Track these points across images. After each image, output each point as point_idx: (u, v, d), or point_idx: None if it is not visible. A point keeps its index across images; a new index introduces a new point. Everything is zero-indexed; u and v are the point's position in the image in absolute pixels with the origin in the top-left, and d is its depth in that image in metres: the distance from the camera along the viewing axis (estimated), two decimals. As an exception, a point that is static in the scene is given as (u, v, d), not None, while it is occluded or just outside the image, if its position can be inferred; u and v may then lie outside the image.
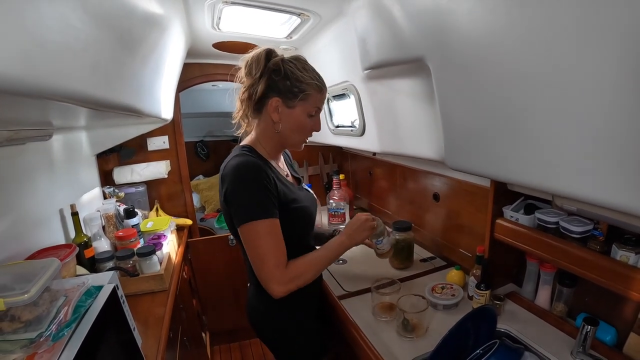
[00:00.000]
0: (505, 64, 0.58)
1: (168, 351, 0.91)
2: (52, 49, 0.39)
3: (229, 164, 0.78)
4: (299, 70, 0.79)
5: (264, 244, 0.74)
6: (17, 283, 0.61)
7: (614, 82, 0.44)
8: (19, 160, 0.96)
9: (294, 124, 0.82)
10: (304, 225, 0.90)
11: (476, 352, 0.78)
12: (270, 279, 0.74)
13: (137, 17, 0.66)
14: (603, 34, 0.43)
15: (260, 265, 0.74)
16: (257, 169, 0.75)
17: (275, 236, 0.75)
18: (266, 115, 0.82)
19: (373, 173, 1.80)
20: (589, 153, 0.52)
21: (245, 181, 0.74)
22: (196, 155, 3.21)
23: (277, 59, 0.79)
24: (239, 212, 0.75)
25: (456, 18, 0.63)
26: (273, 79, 0.78)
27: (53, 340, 0.58)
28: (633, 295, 0.65)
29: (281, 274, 0.74)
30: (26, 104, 0.51)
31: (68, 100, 0.48)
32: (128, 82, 0.71)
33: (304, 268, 0.79)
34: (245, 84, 0.81)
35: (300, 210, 0.85)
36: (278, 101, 0.79)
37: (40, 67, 0.37)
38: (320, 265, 0.82)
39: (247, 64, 0.80)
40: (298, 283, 0.77)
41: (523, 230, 0.87)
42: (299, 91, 0.79)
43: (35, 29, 0.35)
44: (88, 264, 1.08)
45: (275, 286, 0.74)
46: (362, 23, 0.93)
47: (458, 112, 0.75)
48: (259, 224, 0.73)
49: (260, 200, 0.74)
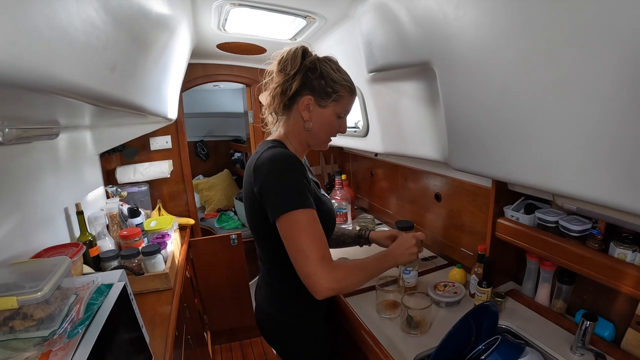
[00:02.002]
0: (508, 68, 0.61)
1: (174, 349, 0.91)
2: (76, 48, 0.40)
3: (262, 155, 0.74)
4: (334, 71, 0.79)
5: (307, 235, 0.67)
6: (27, 281, 0.61)
7: (613, 84, 0.47)
8: (25, 158, 0.96)
9: (323, 123, 0.81)
10: (328, 227, 0.87)
11: (479, 347, 0.80)
12: (317, 273, 0.66)
13: (150, 18, 0.67)
14: (602, 39, 0.45)
15: (304, 259, 0.66)
16: (295, 159, 0.73)
17: (318, 228, 0.70)
18: (296, 113, 0.81)
19: (374, 173, 1.82)
20: (589, 153, 0.54)
21: (285, 171, 0.71)
22: (196, 155, 3.22)
23: (313, 58, 0.78)
24: (277, 201, 0.69)
25: (462, 24, 0.65)
26: (309, 76, 0.77)
27: (68, 337, 0.58)
28: (630, 291, 0.67)
29: (329, 270, 0.66)
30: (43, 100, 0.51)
31: (86, 99, 0.48)
32: (140, 82, 0.72)
33: (352, 270, 0.71)
34: (278, 79, 0.80)
35: (326, 211, 0.83)
36: (310, 99, 0.78)
37: (64, 65, 0.38)
38: (368, 272, 0.75)
39: (282, 59, 0.78)
40: (344, 285, 0.69)
41: (523, 230, 0.89)
42: (332, 91, 0.78)
43: (63, 27, 0.36)
44: (93, 263, 1.08)
45: (322, 282, 0.65)
46: (367, 26, 0.95)
47: (462, 114, 0.77)
48: (301, 213, 0.68)
49: (301, 190, 0.70)
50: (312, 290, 0.67)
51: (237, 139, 3.17)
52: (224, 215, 2.60)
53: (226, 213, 2.65)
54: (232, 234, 1.84)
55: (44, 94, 0.41)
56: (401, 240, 0.85)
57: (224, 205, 2.83)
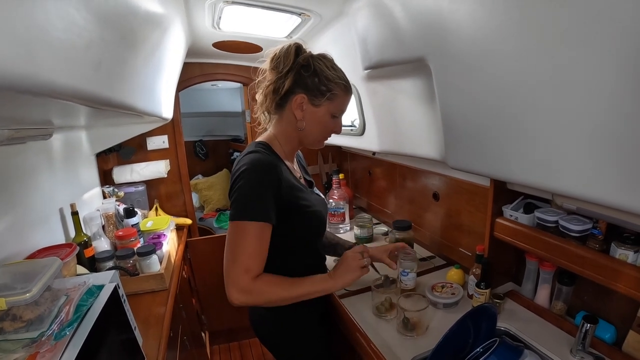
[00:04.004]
0: (505, 64, 0.59)
1: (168, 351, 0.90)
2: (57, 47, 0.39)
3: (242, 159, 0.75)
4: (328, 69, 0.77)
5: (246, 245, 0.69)
6: (18, 282, 0.60)
7: (613, 82, 0.45)
8: (19, 159, 0.96)
9: (316, 123, 0.79)
10: (315, 230, 0.88)
11: (476, 350, 0.78)
12: (233, 282, 0.69)
13: (139, 16, 0.66)
14: (602, 36, 0.44)
15: (231, 264, 0.70)
16: (269, 169, 0.73)
17: (261, 242, 0.71)
18: (289, 112, 0.79)
19: (372, 172, 1.80)
20: (588, 152, 0.52)
21: (253, 179, 0.71)
22: (195, 154, 3.21)
23: (307, 55, 0.77)
24: (236, 206, 0.72)
25: (457, 19, 0.63)
26: (302, 74, 0.75)
27: (55, 339, 0.57)
28: (632, 293, 0.65)
29: (245, 282, 0.69)
30: (29, 102, 0.51)
31: (71, 99, 0.47)
32: (130, 81, 0.71)
33: (273, 288, 0.73)
34: (270, 77, 0.79)
35: (312, 214, 0.82)
36: (303, 98, 0.76)
37: (44, 65, 0.37)
38: (296, 292, 0.75)
39: (274, 57, 0.77)
40: (257, 300, 0.72)
41: (523, 229, 0.87)
42: (326, 90, 0.76)
43: (40, 26, 0.35)
44: (88, 263, 1.07)
45: (233, 290, 0.69)
46: (362, 23, 0.93)
47: (459, 111, 0.75)
48: (250, 225, 0.70)
49: (260, 202, 0.71)
50: (227, 294, 0.70)
51: (236, 139, 3.16)
52: (222, 215, 2.59)
53: (225, 213, 2.64)
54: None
55: (24, 95, 0.40)
56: (343, 257, 0.81)
57: (223, 205, 2.82)
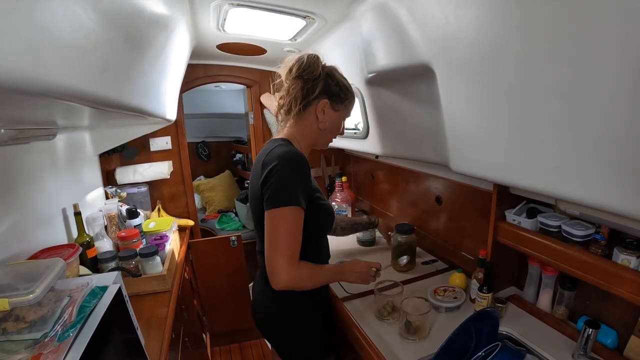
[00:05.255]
0: (510, 69, 0.59)
1: (170, 352, 0.90)
2: (63, 49, 0.39)
3: (272, 151, 0.81)
4: (344, 79, 0.91)
5: (286, 231, 0.75)
6: (21, 283, 0.61)
7: (616, 88, 0.45)
8: (23, 159, 0.96)
9: (332, 125, 0.91)
10: (327, 222, 0.95)
11: (478, 354, 0.78)
12: (281, 267, 0.75)
13: (145, 18, 0.66)
14: (606, 40, 0.44)
15: (275, 251, 0.75)
16: (302, 159, 0.80)
17: (298, 227, 0.77)
18: (310, 114, 0.88)
19: (375, 175, 1.80)
20: (592, 158, 0.52)
21: (291, 169, 0.77)
22: (197, 156, 3.22)
23: (330, 66, 0.89)
24: (274, 195, 0.76)
25: (462, 24, 0.64)
26: (329, 82, 0.87)
27: (59, 340, 0.57)
28: (634, 298, 0.65)
29: (292, 267, 0.75)
30: (34, 103, 0.51)
31: (77, 101, 0.48)
32: (135, 83, 0.71)
33: (309, 274, 0.81)
34: (297, 83, 0.86)
35: (326, 207, 0.91)
36: (326, 103, 0.87)
37: (50, 66, 0.37)
38: (321, 279, 0.86)
39: (302, 65, 0.85)
40: (299, 284, 0.79)
41: (525, 234, 0.87)
42: (344, 98, 0.89)
43: (47, 28, 0.35)
44: (90, 264, 1.08)
45: (282, 275, 0.74)
46: (367, 27, 0.94)
47: (463, 116, 0.76)
48: (289, 210, 0.75)
49: (296, 189, 0.76)
50: (271, 279, 0.76)
51: (238, 140, 3.17)
52: (224, 217, 2.59)
53: (227, 214, 2.64)
54: (232, 235, 1.84)
55: (29, 96, 0.40)
56: (360, 263, 0.94)
57: (225, 207, 2.82)
